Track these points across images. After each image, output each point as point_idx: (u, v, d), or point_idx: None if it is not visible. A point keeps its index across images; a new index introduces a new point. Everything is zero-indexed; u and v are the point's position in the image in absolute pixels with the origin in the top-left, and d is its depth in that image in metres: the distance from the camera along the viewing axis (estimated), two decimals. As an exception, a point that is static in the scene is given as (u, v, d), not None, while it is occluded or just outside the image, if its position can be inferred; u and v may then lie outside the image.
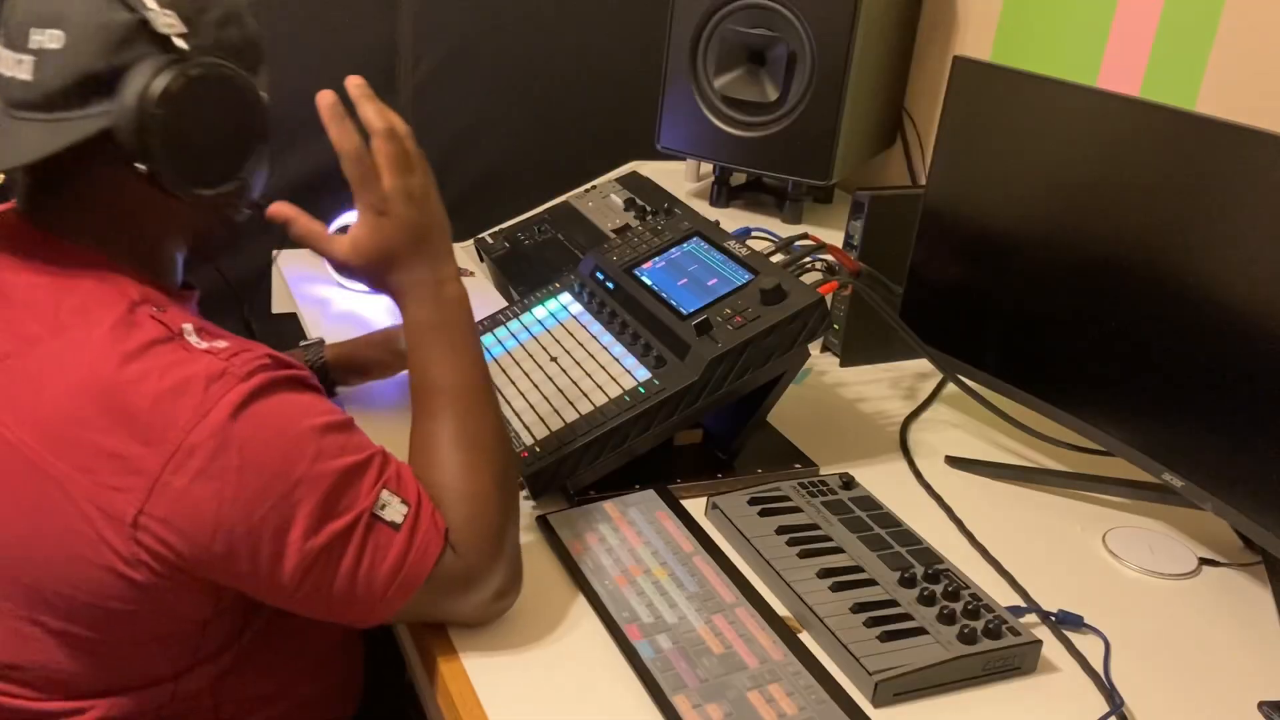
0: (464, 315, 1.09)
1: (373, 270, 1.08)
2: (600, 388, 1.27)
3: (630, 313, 1.36)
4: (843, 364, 1.66)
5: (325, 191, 2.29)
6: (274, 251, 1.94)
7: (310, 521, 0.94)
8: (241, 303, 1.20)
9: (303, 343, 1.46)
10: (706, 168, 2.22)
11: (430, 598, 1.01)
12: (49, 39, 0.95)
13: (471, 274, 1.93)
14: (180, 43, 0.95)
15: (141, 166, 0.96)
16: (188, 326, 0.98)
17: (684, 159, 2.19)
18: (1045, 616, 1.14)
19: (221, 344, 0.98)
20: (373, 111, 1.07)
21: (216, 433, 0.92)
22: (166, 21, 0.95)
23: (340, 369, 1.45)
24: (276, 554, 0.94)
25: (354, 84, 1.08)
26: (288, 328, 1.82)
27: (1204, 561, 1.28)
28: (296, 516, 0.94)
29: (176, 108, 0.95)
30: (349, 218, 1.78)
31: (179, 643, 1.02)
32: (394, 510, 0.98)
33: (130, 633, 0.98)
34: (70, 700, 1.00)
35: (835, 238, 1.58)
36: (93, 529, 0.92)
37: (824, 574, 1.13)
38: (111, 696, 1.01)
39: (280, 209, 1.09)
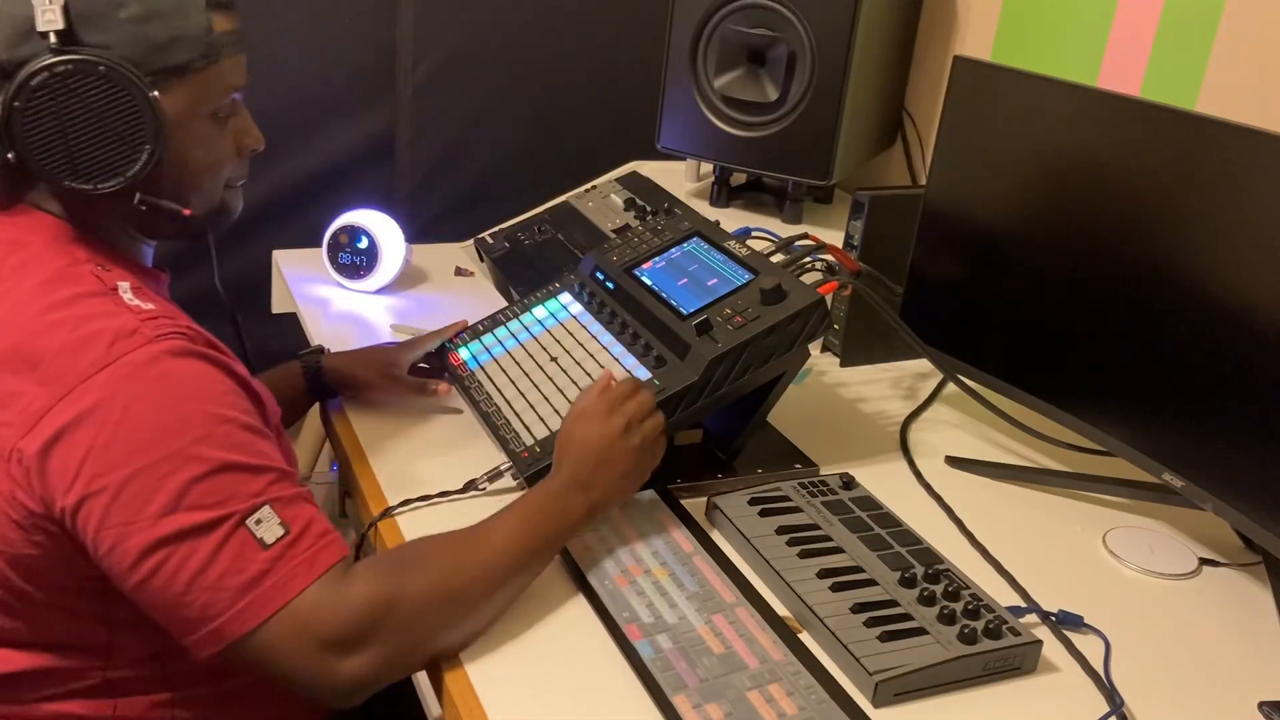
0: (559, 525, 1.08)
1: (562, 430, 1.15)
2: (600, 388, 1.27)
3: (630, 313, 1.36)
4: (843, 364, 1.66)
5: (325, 191, 2.31)
6: (274, 251, 1.94)
7: (170, 500, 0.92)
8: (228, 298, 1.20)
9: (302, 352, 1.44)
10: (706, 168, 2.22)
11: (278, 636, 0.93)
12: None
13: (471, 274, 1.93)
14: (53, 38, 0.96)
15: (11, 156, 0.99)
16: (124, 284, 1.00)
17: (684, 159, 2.19)
18: (1045, 616, 1.14)
19: (149, 306, 0.99)
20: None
21: (108, 384, 0.93)
22: (47, 19, 0.96)
23: (334, 379, 1.43)
24: (127, 524, 0.92)
25: None
26: (288, 328, 1.83)
27: (1204, 561, 1.28)
28: (159, 490, 0.92)
29: (37, 102, 0.97)
30: (348, 218, 1.79)
31: (88, 599, 1.01)
32: (269, 529, 0.94)
33: (36, 584, 1.00)
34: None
35: (835, 238, 1.58)
36: None
37: (824, 574, 1.13)
38: (43, 651, 1.03)
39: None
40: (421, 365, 1.48)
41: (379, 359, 1.44)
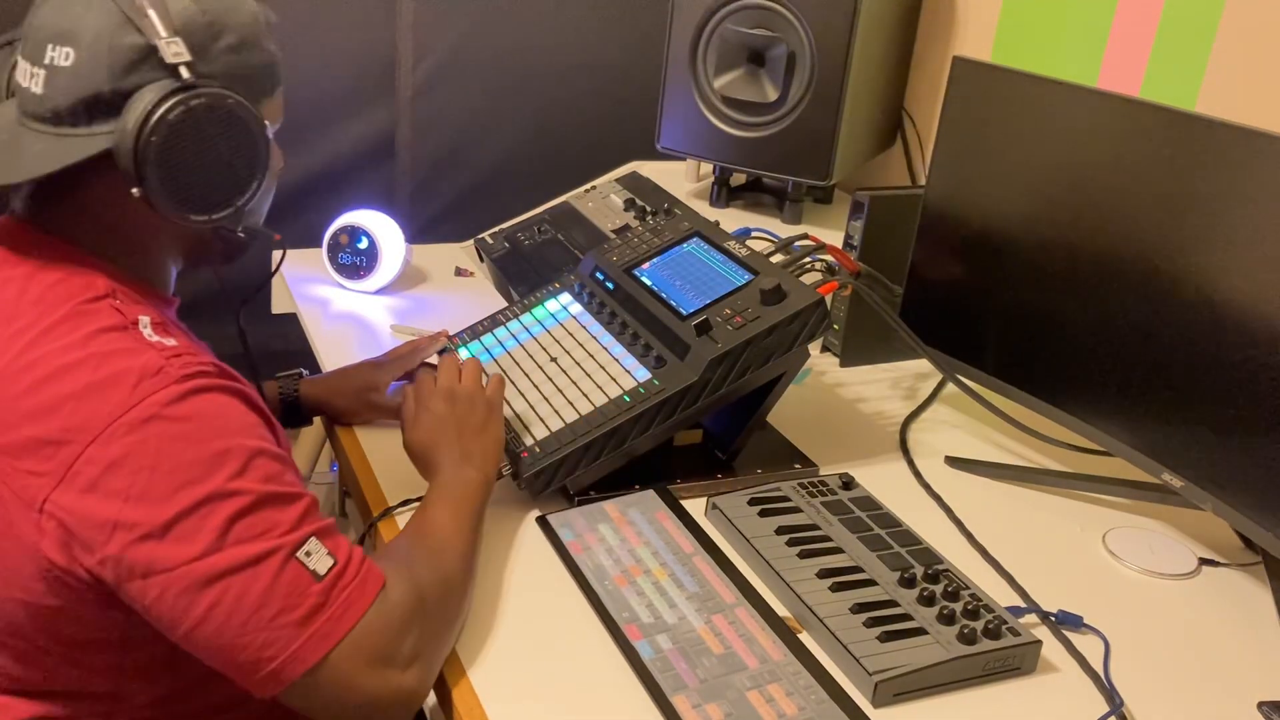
0: (475, 500, 1.13)
1: (407, 449, 1.20)
2: (600, 388, 1.27)
3: (630, 313, 1.36)
4: (843, 364, 1.66)
5: (325, 191, 2.31)
6: (274, 251, 1.94)
7: (215, 539, 0.90)
8: (237, 311, 1.19)
9: (280, 374, 1.43)
10: (706, 168, 2.21)
11: (340, 668, 0.92)
12: (61, 56, 0.96)
13: (471, 274, 1.93)
14: (185, 72, 0.95)
15: (136, 191, 0.96)
16: (144, 318, 0.98)
17: (684, 159, 2.19)
18: (1045, 617, 1.14)
19: (171, 342, 0.97)
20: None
21: (136, 428, 0.90)
22: (174, 51, 0.95)
23: (310, 407, 1.42)
24: (170, 570, 0.90)
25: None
26: (288, 328, 1.83)
27: (1204, 561, 1.28)
28: (201, 531, 0.90)
29: (174, 136, 0.95)
30: (348, 218, 1.79)
31: (101, 652, 1.00)
32: (319, 560, 0.93)
33: (50, 635, 0.98)
34: (6, 695, 1.01)
35: (835, 238, 1.58)
36: (7, 514, 0.93)
37: (824, 574, 1.13)
38: (52, 700, 1.02)
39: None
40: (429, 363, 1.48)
41: (356, 384, 1.42)
